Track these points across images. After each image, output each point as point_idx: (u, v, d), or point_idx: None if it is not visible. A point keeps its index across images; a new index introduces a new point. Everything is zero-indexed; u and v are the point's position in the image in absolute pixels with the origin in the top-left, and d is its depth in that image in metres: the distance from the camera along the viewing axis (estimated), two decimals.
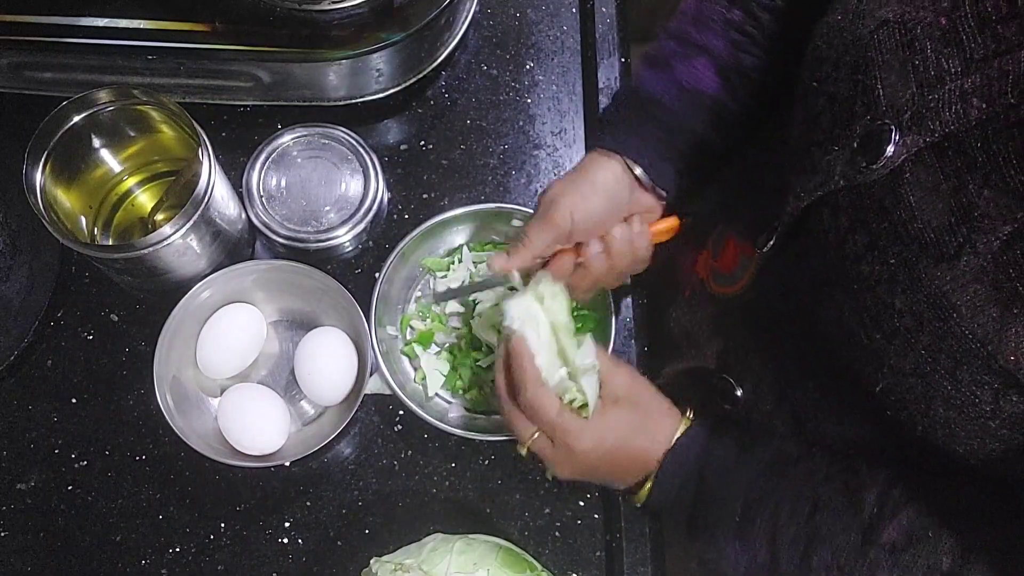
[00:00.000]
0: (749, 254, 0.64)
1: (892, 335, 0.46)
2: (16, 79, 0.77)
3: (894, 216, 0.45)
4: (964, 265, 0.42)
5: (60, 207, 0.69)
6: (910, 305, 0.44)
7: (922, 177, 0.44)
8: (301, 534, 0.72)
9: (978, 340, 0.42)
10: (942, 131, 0.43)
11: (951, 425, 0.45)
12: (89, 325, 0.76)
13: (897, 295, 0.45)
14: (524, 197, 0.82)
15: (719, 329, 0.69)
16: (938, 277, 0.43)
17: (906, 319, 0.45)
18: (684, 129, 0.66)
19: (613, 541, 0.71)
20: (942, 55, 0.43)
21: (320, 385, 0.71)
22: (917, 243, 0.43)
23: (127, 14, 0.73)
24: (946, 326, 0.43)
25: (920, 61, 0.44)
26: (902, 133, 0.44)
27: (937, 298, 0.43)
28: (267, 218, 0.76)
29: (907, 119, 0.44)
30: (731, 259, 0.68)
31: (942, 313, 0.43)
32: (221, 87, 0.78)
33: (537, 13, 0.89)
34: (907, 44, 0.45)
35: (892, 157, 0.45)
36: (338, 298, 0.71)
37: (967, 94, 0.42)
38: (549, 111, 0.85)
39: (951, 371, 0.44)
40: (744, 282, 0.65)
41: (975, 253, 0.41)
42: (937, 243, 0.43)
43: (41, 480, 0.72)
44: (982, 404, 0.43)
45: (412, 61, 0.79)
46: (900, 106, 0.45)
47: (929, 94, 0.43)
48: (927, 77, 0.44)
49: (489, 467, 0.74)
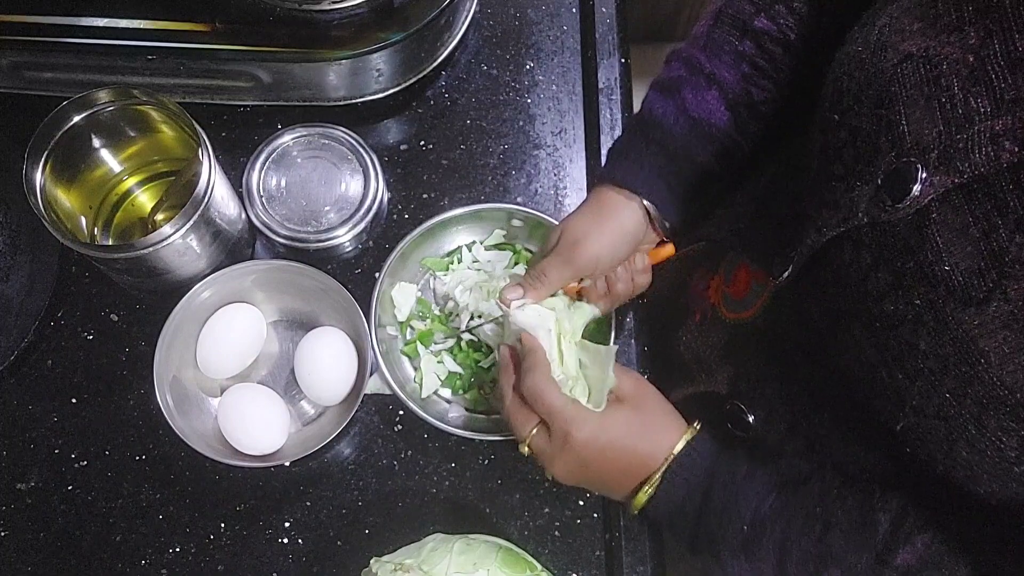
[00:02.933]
0: (762, 280, 0.63)
1: (915, 376, 0.45)
2: (16, 79, 0.77)
3: (920, 256, 0.43)
4: (994, 311, 0.40)
5: (60, 207, 0.69)
6: (935, 348, 0.43)
7: (949, 218, 0.42)
8: (301, 534, 0.72)
9: (1006, 387, 0.41)
10: (971, 172, 0.41)
11: (973, 468, 0.45)
12: (89, 325, 0.76)
13: (922, 336, 0.44)
14: (524, 197, 0.82)
15: (731, 354, 0.69)
16: (966, 321, 0.41)
17: (931, 361, 0.44)
18: (691, 160, 0.65)
19: (613, 541, 0.71)
20: (970, 94, 0.42)
21: (320, 385, 0.71)
22: (944, 285, 0.42)
23: (127, 14, 0.73)
24: (973, 371, 0.42)
25: (947, 99, 0.43)
26: (929, 172, 0.43)
27: (964, 343, 0.42)
28: (267, 218, 0.76)
29: (934, 158, 0.43)
30: (743, 285, 0.68)
31: (969, 358, 0.42)
32: (221, 87, 0.78)
33: (537, 13, 0.89)
34: (932, 80, 0.43)
35: (918, 196, 0.43)
36: (338, 298, 0.72)
37: (998, 136, 0.40)
38: (549, 111, 0.85)
39: (976, 416, 0.42)
40: (756, 309, 0.64)
41: (1006, 299, 0.40)
42: (965, 287, 0.41)
43: (41, 480, 0.72)
44: (1007, 450, 0.42)
45: (412, 61, 0.79)
46: (926, 144, 0.43)
47: (957, 134, 0.42)
48: (955, 116, 0.42)
49: (489, 467, 0.74)
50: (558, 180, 0.83)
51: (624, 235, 0.64)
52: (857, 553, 0.51)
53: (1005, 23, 0.41)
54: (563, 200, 0.83)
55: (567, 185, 0.83)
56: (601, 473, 0.60)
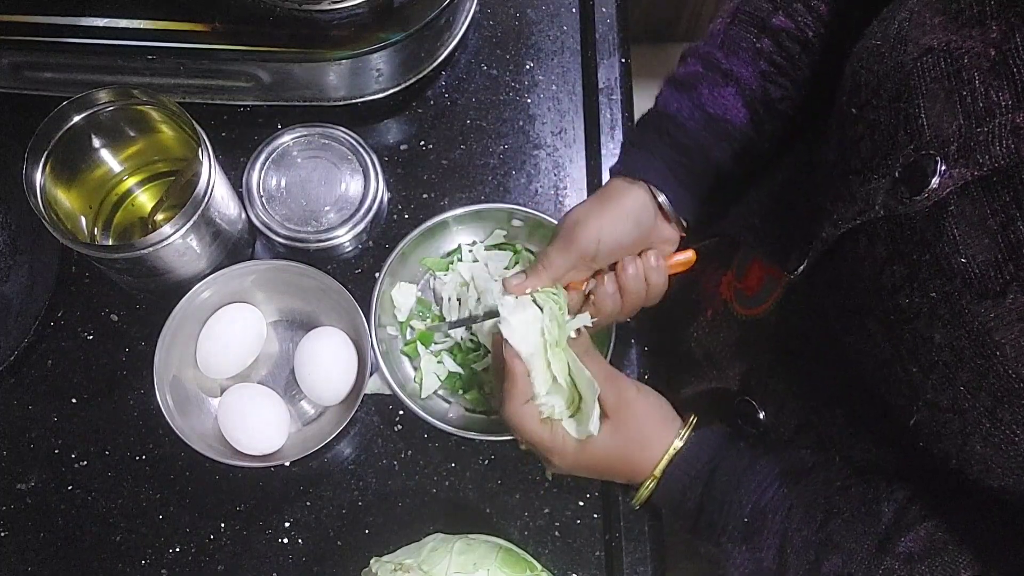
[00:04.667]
0: (775, 276, 0.63)
1: (930, 369, 0.45)
2: (16, 79, 0.77)
3: (936, 249, 0.43)
4: (1010, 303, 0.40)
5: (60, 207, 0.69)
6: (950, 340, 0.43)
7: (967, 211, 0.42)
8: (301, 534, 0.72)
9: (1022, 380, 0.41)
10: (991, 165, 0.41)
11: (987, 462, 0.44)
12: (89, 325, 0.76)
13: (937, 329, 0.44)
14: (524, 197, 0.82)
15: (742, 351, 0.69)
16: (981, 314, 0.41)
17: (945, 354, 0.43)
18: (707, 157, 0.65)
19: (613, 541, 0.71)
20: (991, 87, 0.42)
21: (320, 385, 0.71)
22: (960, 278, 0.42)
23: (127, 14, 0.73)
24: (988, 364, 0.42)
25: (968, 92, 0.43)
26: (948, 165, 0.43)
27: (980, 335, 0.42)
28: (267, 218, 0.76)
29: (954, 151, 0.43)
30: (756, 281, 0.68)
31: (984, 351, 0.41)
32: (221, 87, 0.78)
33: (537, 13, 0.89)
34: (953, 74, 0.43)
35: (936, 189, 0.43)
36: (338, 298, 0.72)
37: (1019, 129, 0.40)
38: (549, 111, 0.85)
39: (991, 410, 0.42)
40: (768, 304, 0.64)
41: (1023, 292, 0.40)
42: (982, 279, 0.41)
43: (41, 480, 0.72)
44: (1021, 443, 0.42)
45: (412, 61, 0.79)
46: (946, 137, 0.43)
47: (977, 127, 0.42)
48: (975, 109, 0.42)
49: (489, 467, 0.74)
50: (558, 180, 0.83)
51: (625, 215, 0.63)
52: (859, 540, 0.51)
53: None
54: (563, 200, 0.82)
55: (567, 185, 0.83)
56: (596, 474, 0.63)
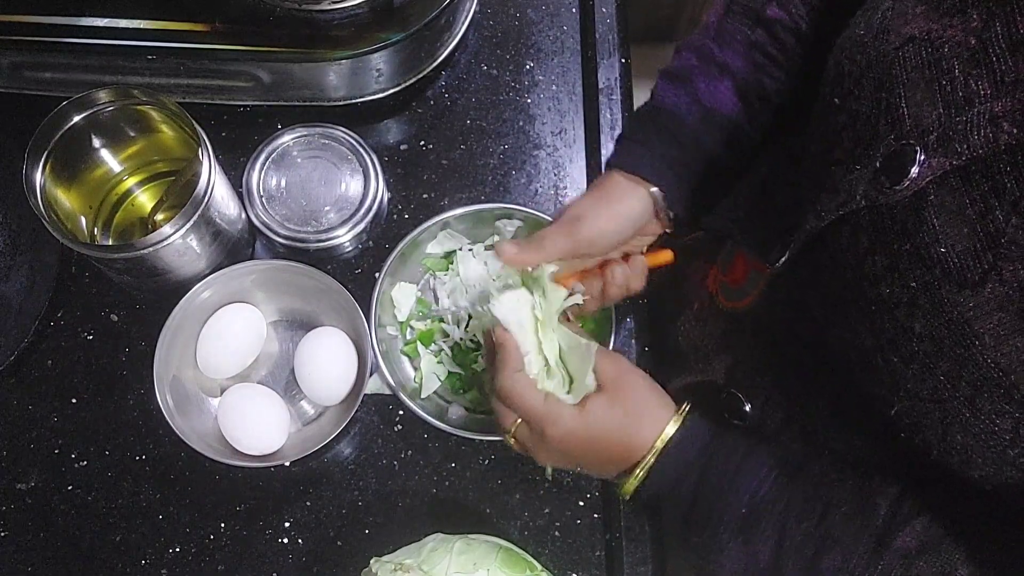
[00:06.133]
0: (759, 269, 0.63)
1: (910, 359, 0.45)
2: (16, 79, 0.77)
3: (916, 239, 0.44)
4: (989, 292, 0.41)
5: (60, 207, 0.69)
6: (930, 330, 0.43)
7: (947, 200, 0.42)
8: (301, 534, 0.72)
9: (1000, 369, 0.41)
10: (969, 154, 0.41)
11: (968, 451, 0.45)
12: (89, 325, 0.76)
13: (917, 319, 0.44)
14: (524, 197, 0.82)
15: (728, 344, 0.69)
16: (960, 303, 0.42)
17: (925, 344, 0.44)
18: (702, 149, 0.65)
19: (613, 541, 0.71)
20: (971, 76, 0.42)
21: (320, 385, 0.71)
22: (940, 267, 0.42)
23: (127, 14, 0.73)
24: (967, 353, 0.42)
25: (947, 81, 0.43)
26: (927, 154, 0.43)
27: (959, 324, 0.42)
28: (267, 218, 0.76)
29: (933, 140, 0.43)
30: (741, 274, 0.68)
31: (964, 340, 0.42)
32: (221, 87, 0.78)
33: (537, 13, 0.89)
34: (934, 63, 0.44)
35: (916, 179, 0.43)
36: (338, 298, 0.72)
37: (997, 118, 0.40)
38: (549, 111, 0.85)
39: (970, 399, 0.43)
40: (753, 297, 0.64)
41: (1001, 281, 0.40)
42: (961, 268, 0.42)
43: (41, 480, 0.72)
44: (1001, 433, 0.42)
45: (412, 61, 0.79)
46: (926, 126, 0.44)
47: (957, 116, 0.42)
48: (955, 98, 0.43)
49: (489, 467, 0.74)
50: (558, 180, 0.83)
51: (629, 220, 0.64)
52: (857, 536, 0.51)
53: (1008, 5, 0.41)
54: (563, 200, 0.82)
55: (567, 185, 0.83)
56: (586, 461, 0.60)
